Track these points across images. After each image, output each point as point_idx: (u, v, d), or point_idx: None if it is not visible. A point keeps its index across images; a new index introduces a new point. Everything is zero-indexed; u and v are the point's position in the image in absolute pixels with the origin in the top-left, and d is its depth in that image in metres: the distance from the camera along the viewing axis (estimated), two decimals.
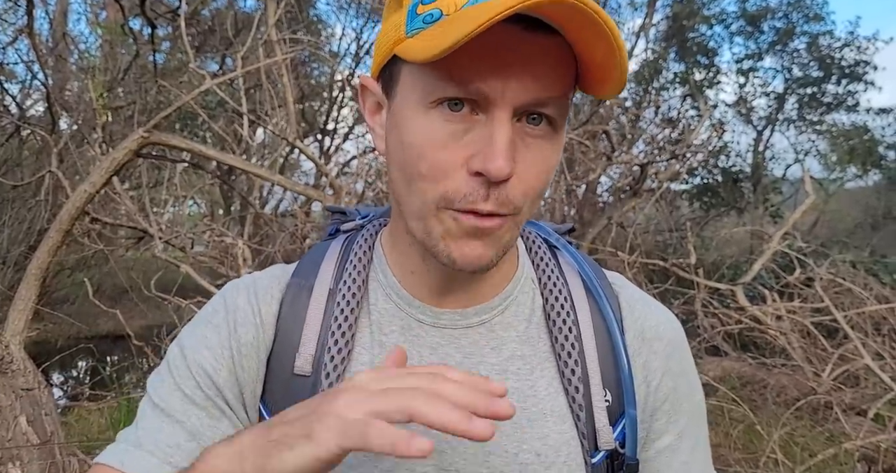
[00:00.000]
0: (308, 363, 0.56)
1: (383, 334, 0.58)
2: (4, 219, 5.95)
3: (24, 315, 2.36)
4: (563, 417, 0.57)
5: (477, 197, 0.47)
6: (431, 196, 0.49)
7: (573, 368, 0.57)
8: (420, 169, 0.49)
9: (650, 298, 0.65)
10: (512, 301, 0.60)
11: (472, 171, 0.47)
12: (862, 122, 10.38)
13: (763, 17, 10.35)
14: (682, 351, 0.64)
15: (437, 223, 0.50)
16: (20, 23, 5.25)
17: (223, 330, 0.59)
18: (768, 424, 3.19)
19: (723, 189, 10.04)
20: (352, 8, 10.66)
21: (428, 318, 0.58)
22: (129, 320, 4.40)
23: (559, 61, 0.46)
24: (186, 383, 0.57)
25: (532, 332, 0.59)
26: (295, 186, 3.45)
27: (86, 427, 3.68)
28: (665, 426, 0.61)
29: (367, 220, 0.67)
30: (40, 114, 6.88)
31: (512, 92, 0.46)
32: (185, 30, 3.75)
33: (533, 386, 0.57)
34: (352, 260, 0.60)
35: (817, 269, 4.21)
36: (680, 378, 0.62)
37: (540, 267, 0.63)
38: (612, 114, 6.35)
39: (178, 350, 0.59)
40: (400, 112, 0.51)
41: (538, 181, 0.50)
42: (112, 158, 2.56)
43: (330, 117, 11.08)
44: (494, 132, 0.46)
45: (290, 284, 0.60)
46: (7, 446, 1.84)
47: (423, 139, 0.48)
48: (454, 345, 0.58)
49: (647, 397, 0.60)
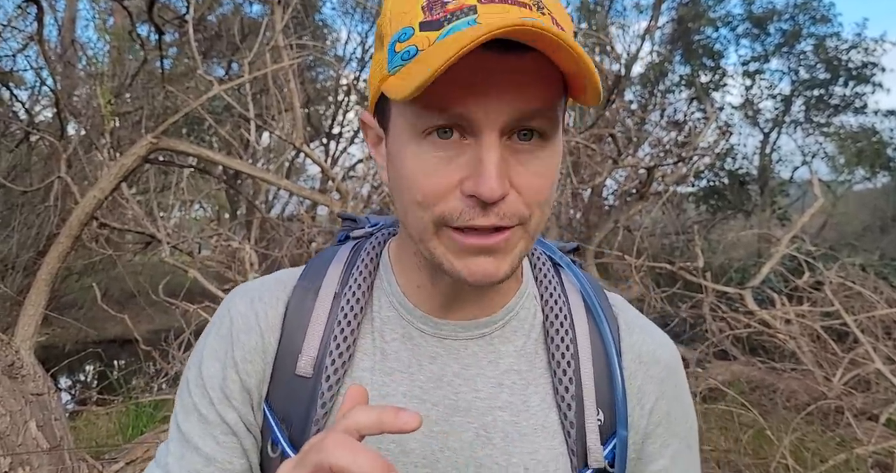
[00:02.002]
0: (310, 365, 0.57)
1: (385, 341, 0.59)
2: (14, 225, 5.99)
3: (34, 320, 2.37)
4: (553, 433, 0.58)
5: (474, 214, 0.48)
6: (428, 219, 0.50)
7: (567, 386, 0.58)
8: (415, 197, 0.50)
9: (649, 322, 0.67)
10: (513, 316, 0.61)
11: (465, 194, 0.48)
12: (870, 124, 10.33)
13: (769, 20, 10.32)
14: (678, 376, 0.65)
15: (438, 243, 0.51)
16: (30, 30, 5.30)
17: (227, 339, 0.60)
18: (778, 429, 3.16)
19: (730, 192, 10.00)
20: (357, 12, 10.72)
21: (429, 328, 0.59)
22: (137, 324, 4.42)
23: (539, 75, 0.47)
24: (202, 401, 0.59)
25: (530, 348, 0.60)
26: (301, 191, 3.46)
27: (94, 432, 3.69)
28: (659, 449, 0.62)
29: (377, 229, 0.68)
30: (49, 120, 6.93)
31: (495, 112, 0.46)
32: (192, 35, 3.78)
33: (526, 401, 0.58)
34: (358, 266, 0.62)
35: (826, 272, 4.18)
36: (674, 402, 0.63)
37: (543, 284, 0.63)
38: (618, 117, 6.34)
39: (195, 365, 0.61)
40: (393, 144, 0.52)
41: (540, 193, 0.50)
42: (121, 164, 2.58)
43: (336, 121, 11.12)
44: (483, 154, 0.47)
45: (297, 287, 0.61)
46: (17, 451, 1.84)
47: (415, 168, 0.49)
48: (453, 356, 0.59)
49: (641, 420, 0.61)
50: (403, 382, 0.58)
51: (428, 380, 0.58)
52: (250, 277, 3.51)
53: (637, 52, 10.67)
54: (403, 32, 0.48)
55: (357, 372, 0.58)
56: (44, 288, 2.43)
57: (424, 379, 0.58)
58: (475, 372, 0.58)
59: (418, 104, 0.48)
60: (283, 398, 0.58)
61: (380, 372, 0.58)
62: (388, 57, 0.49)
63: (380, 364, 0.58)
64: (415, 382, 0.58)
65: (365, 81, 11.18)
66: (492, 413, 0.57)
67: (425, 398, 0.57)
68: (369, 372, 0.58)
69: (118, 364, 6.06)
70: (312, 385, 0.56)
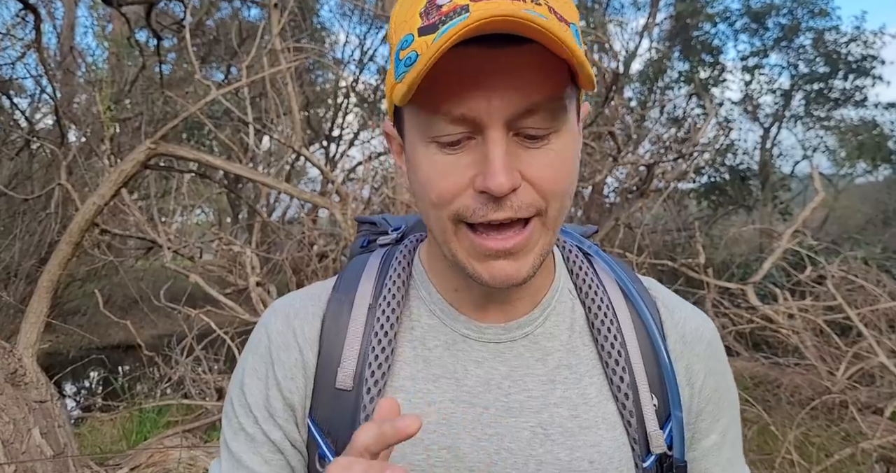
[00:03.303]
0: (349, 377, 0.57)
1: (427, 349, 0.59)
2: (15, 232, 6.01)
3: (37, 327, 2.38)
4: (614, 424, 0.58)
5: (487, 210, 0.49)
6: (446, 217, 0.51)
7: (622, 375, 0.58)
8: (431, 197, 0.51)
9: (685, 301, 0.67)
10: (551, 311, 0.61)
11: (477, 190, 0.49)
12: (870, 117, 10.28)
13: (767, 14, 10.28)
14: (720, 351, 0.66)
15: (458, 246, 0.52)
16: (28, 38, 5.31)
17: (266, 358, 0.61)
18: (783, 424, 3.16)
19: (730, 187, 9.97)
20: (355, 15, 10.72)
21: (473, 333, 0.59)
22: (140, 330, 4.43)
23: (540, 66, 0.47)
24: (247, 420, 0.60)
25: (575, 341, 0.61)
26: (301, 194, 3.46)
27: (98, 439, 3.69)
28: (710, 425, 0.63)
29: (402, 233, 0.70)
30: (49, 128, 6.95)
31: (496, 108, 0.47)
32: (190, 41, 3.79)
33: (583, 394, 0.58)
34: (391, 276, 0.62)
35: (829, 267, 4.16)
36: (720, 377, 0.64)
37: (580, 277, 0.64)
38: (618, 114, 6.33)
39: (237, 384, 0.63)
40: (409, 151, 0.54)
41: (554, 183, 0.50)
42: (121, 170, 2.58)
43: (335, 124, 11.13)
44: (489, 150, 0.48)
45: (332, 299, 0.62)
46: (21, 459, 1.85)
47: (429, 171, 0.51)
48: (499, 359, 0.59)
49: (692, 398, 0.62)
50: (450, 388, 0.58)
51: (476, 384, 0.58)
52: (252, 281, 3.51)
53: (635, 49, 10.66)
54: (405, 40, 0.49)
55: (399, 382, 0.58)
56: (45, 295, 2.43)
57: (472, 384, 0.58)
58: (524, 373, 0.59)
59: (426, 109, 0.49)
60: (327, 412, 0.58)
61: (423, 380, 0.58)
62: (395, 65, 0.51)
63: (422, 371, 0.58)
64: (462, 387, 0.58)
65: (363, 83, 11.18)
66: (547, 410, 0.58)
67: (475, 402, 0.57)
68: (411, 380, 0.58)
69: (122, 370, 6.07)
70: (354, 397, 0.57)
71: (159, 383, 4.07)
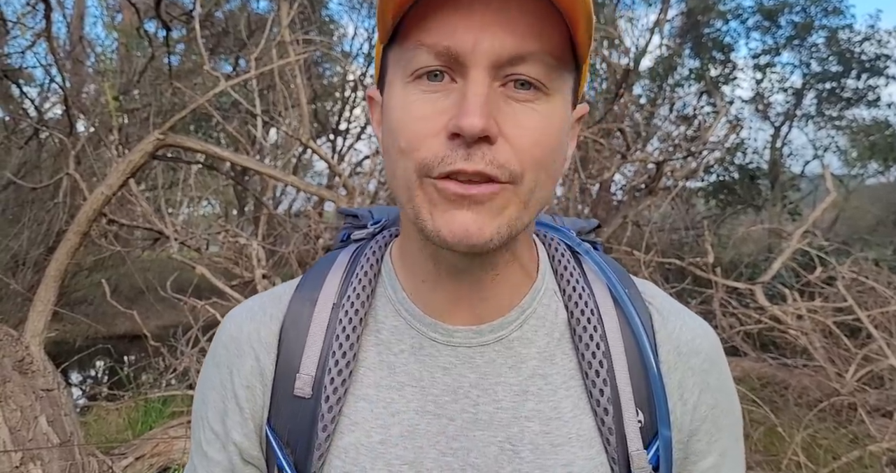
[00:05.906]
0: (308, 384, 0.53)
1: (392, 353, 0.55)
2: (24, 221, 6.04)
3: (44, 316, 2.38)
4: (590, 441, 0.53)
5: (455, 157, 0.44)
6: (411, 167, 0.46)
7: (601, 388, 0.53)
8: (400, 144, 0.47)
9: (683, 308, 0.61)
10: (531, 314, 0.56)
11: (449, 134, 0.45)
12: (883, 117, 10.17)
13: (780, 12, 10.17)
14: (720, 365, 0.59)
15: (420, 194, 0.46)
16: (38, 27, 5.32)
17: (223, 367, 0.57)
18: (790, 426, 3.14)
19: (740, 186, 9.89)
20: (364, 7, 10.68)
21: (441, 336, 0.54)
22: (146, 320, 4.44)
23: (542, 18, 0.44)
24: (206, 436, 0.58)
25: (554, 348, 0.55)
26: (308, 187, 3.45)
27: (104, 427, 3.71)
28: (707, 446, 0.57)
29: (380, 226, 0.64)
30: (58, 117, 6.97)
31: (484, 46, 0.44)
32: (199, 32, 3.77)
33: (556, 408, 0.53)
34: (357, 274, 0.57)
35: (839, 267, 4.13)
36: (719, 394, 0.58)
37: (564, 277, 0.58)
38: (627, 111, 6.29)
39: (199, 399, 0.60)
40: (387, 99, 0.50)
41: (535, 146, 0.46)
42: (128, 160, 2.58)
43: (342, 117, 11.11)
44: (468, 90, 0.44)
45: (294, 299, 0.57)
46: (28, 446, 1.85)
47: (402, 114, 0.47)
48: (469, 365, 0.54)
49: (685, 416, 0.56)
50: (415, 397, 0.53)
51: (442, 393, 0.53)
52: (258, 273, 3.51)
53: (646, 45, 10.56)
54: None
55: (361, 390, 0.54)
56: (53, 284, 2.44)
57: (438, 392, 0.53)
58: (494, 381, 0.53)
59: (409, 44, 0.46)
60: (285, 421, 0.54)
61: (387, 388, 0.54)
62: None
63: (387, 379, 0.54)
64: (427, 396, 0.53)
65: (371, 77, 11.15)
66: (517, 423, 0.53)
67: (440, 413, 0.53)
68: (374, 388, 0.54)
69: (128, 359, 6.10)
70: (312, 406, 0.52)
71: (164, 373, 4.09)
